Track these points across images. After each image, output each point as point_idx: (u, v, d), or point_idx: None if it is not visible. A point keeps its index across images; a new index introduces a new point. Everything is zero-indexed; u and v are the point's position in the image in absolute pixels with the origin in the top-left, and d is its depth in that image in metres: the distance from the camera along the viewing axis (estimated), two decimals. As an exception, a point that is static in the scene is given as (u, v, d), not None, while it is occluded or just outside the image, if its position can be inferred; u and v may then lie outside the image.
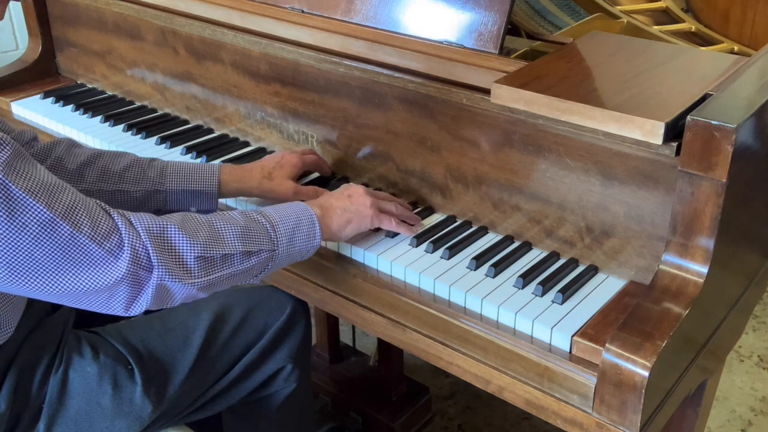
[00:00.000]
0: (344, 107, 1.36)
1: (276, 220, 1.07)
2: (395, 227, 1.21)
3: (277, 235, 1.06)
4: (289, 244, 1.08)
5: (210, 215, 1.04)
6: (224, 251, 1.01)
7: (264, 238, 1.05)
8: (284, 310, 1.31)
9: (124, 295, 0.94)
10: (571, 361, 0.99)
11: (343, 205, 1.16)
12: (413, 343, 1.14)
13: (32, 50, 1.95)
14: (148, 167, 1.28)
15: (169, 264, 0.95)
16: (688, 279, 0.99)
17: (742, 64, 1.15)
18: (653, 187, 1.04)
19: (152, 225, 0.96)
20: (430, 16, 1.27)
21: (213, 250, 1.00)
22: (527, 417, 2.06)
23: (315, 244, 1.12)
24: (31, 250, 0.88)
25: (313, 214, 1.12)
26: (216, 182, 1.29)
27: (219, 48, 1.52)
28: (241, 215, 1.06)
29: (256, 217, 1.07)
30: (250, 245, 1.03)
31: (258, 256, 1.05)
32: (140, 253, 0.93)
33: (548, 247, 1.19)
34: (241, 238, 1.03)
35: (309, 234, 1.10)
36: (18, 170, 0.88)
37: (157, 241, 0.95)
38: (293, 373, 1.32)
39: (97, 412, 1.13)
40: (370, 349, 2.03)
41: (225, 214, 1.05)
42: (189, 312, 1.25)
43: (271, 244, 1.06)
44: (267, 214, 1.08)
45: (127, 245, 0.93)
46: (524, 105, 1.06)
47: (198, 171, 1.30)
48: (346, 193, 1.19)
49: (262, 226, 1.06)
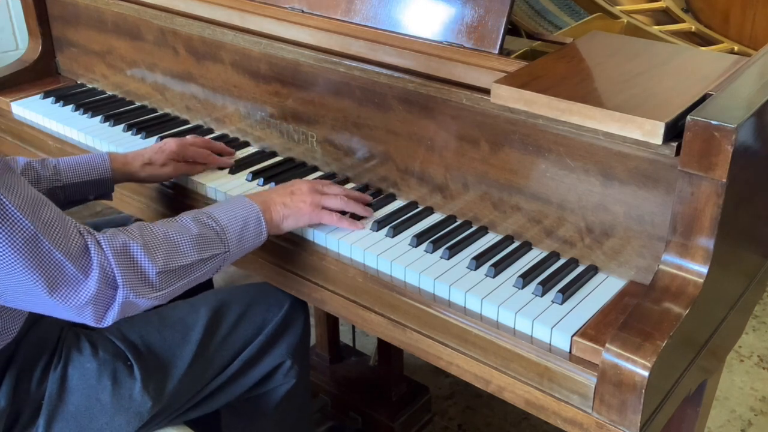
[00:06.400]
0: (344, 107, 1.36)
1: (225, 222, 1.12)
2: (336, 222, 1.24)
3: (228, 237, 1.11)
4: (239, 244, 1.13)
5: (164, 225, 1.07)
6: (183, 262, 1.05)
7: (217, 243, 1.10)
8: (282, 306, 1.32)
9: (91, 312, 0.98)
10: (571, 361, 0.99)
11: (283, 201, 1.21)
12: (413, 343, 1.14)
13: (32, 50, 1.95)
14: (42, 167, 1.33)
15: (134, 282, 0.99)
16: (688, 279, 0.99)
17: (742, 64, 1.15)
18: (653, 187, 1.04)
19: (117, 244, 0.99)
20: (430, 16, 1.27)
21: (173, 263, 1.04)
22: (527, 417, 2.05)
23: (262, 239, 1.17)
24: (13, 263, 0.91)
25: (259, 212, 1.16)
26: (109, 169, 1.37)
27: (219, 48, 1.52)
28: (193, 221, 1.09)
29: (206, 221, 1.10)
30: (204, 252, 1.08)
31: (213, 260, 1.09)
32: (107, 272, 0.97)
33: (548, 247, 1.19)
34: (196, 246, 1.07)
35: (256, 231, 1.15)
36: (6, 184, 0.91)
37: (122, 259, 0.99)
38: (292, 369, 1.33)
39: (97, 408, 1.13)
40: (370, 349, 2.03)
41: (178, 222, 1.09)
42: (187, 308, 1.26)
43: (223, 246, 1.10)
44: (216, 216, 1.12)
45: (96, 264, 0.96)
46: (524, 105, 1.06)
47: (90, 162, 1.36)
48: (289, 189, 1.24)
49: (213, 231, 1.10)
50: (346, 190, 1.30)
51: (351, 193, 1.30)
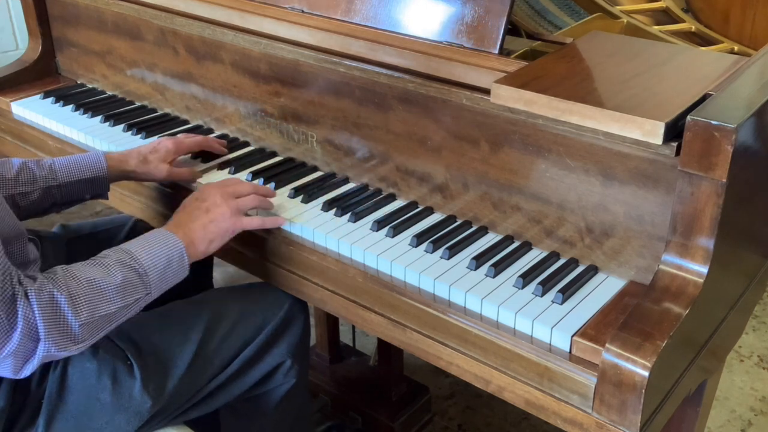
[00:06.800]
0: (344, 107, 1.36)
1: (148, 264, 1.10)
2: (259, 225, 1.25)
3: (150, 280, 1.10)
4: (160, 283, 1.12)
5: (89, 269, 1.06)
6: (106, 311, 1.04)
7: (139, 287, 1.09)
8: (282, 306, 1.32)
9: (10, 364, 0.98)
10: (571, 361, 0.99)
11: (203, 224, 1.19)
12: (413, 343, 1.14)
13: (32, 50, 1.95)
14: (37, 167, 1.33)
15: (56, 336, 0.99)
16: (688, 279, 0.99)
17: (742, 64, 1.15)
18: (653, 187, 1.04)
19: (44, 298, 0.98)
20: (430, 16, 1.27)
21: (96, 313, 1.03)
22: (527, 417, 2.05)
23: (185, 273, 1.16)
24: None
25: (183, 249, 1.14)
26: (104, 167, 1.37)
27: (219, 48, 1.52)
28: (117, 264, 1.08)
29: (130, 263, 1.09)
30: (127, 298, 1.07)
31: (135, 304, 1.09)
32: (31, 325, 0.97)
33: (548, 247, 1.19)
34: (120, 293, 1.06)
35: (179, 268, 1.14)
36: None
37: (47, 313, 0.98)
38: (292, 369, 1.33)
39: (97, 408, 1.13)
40: (370, 349, 2.03)
41: (103, 267, 1.07)
42: (188, 307, 1.27)
43: (145, 289, 1.10)
44: (139, 258, 1.10)
45: (20, 316, 0.96)
46: (524, 105, 1.06)
47: (86, 161, 1.36)
48: (203, 207, 1.21)
49: (136, 274, 1.08)
50: (255, 186, 1.31)
51: (259, 188, 1.32)
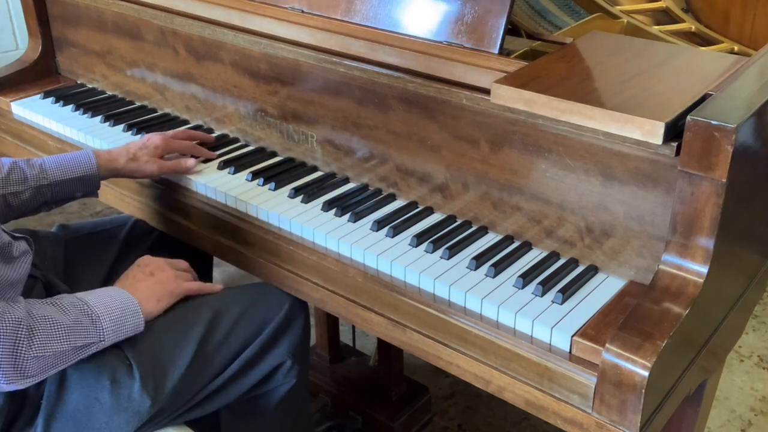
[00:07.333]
0: (344, 107, 1.36)
1: (100, 312, 1.13)
2: (197, 290, 1.29)
3: (103, 326, 1.12)
4: (115, 332, 1.14)
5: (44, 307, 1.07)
6: (56, 349, 1.06)
7: (91, 331, 1.11)
8: (282, 306, 1.32)
9: None
10: (571, 361, 0.99)
11: (149, 285, 1.23)
12: (413, 343, 1.14)
13: (32, 50, 1.95)
14: (28, 167, 1.34)
15: (6, 368, 1.00)
16: (688, 279, 0.99)
17: (742, 64, 1.15)
18: (653, 187, 1.04)
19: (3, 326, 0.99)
20: (430, 16, 1.27)
21: (47, 349, 1.04)
22: (527, 417, 2.05)
23: (140, 328, 1.18)
24: None
25: (136, 302, 1.18)
26: (95, 165, 1.38)
27: (219, 48, 1.52)
28: (71, 306, 1.10)
29: (82, 307, 1.11)
30: (78, 340, 1.09)
31: (87, 348, 1.11)
32: None
33: (548, 247, 1.19)
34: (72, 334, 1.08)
35: (134, 322, 1.17)
36: None
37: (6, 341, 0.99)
38: (292, 369, 1.33)
39: (96, 408, 1.13)
40: (370, 349, 2.03)
41: (57, 304, 1.09)
42: (187, 307, 1.27)
43: (98, 335, 1.11)
44: (90, 304, 1.13)
45: None
46: (524, 105, 1.06)
47: (76, 159, 1.37)
48: (147, 271, 1.26)
49: (88, 319, 1.11)
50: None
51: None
